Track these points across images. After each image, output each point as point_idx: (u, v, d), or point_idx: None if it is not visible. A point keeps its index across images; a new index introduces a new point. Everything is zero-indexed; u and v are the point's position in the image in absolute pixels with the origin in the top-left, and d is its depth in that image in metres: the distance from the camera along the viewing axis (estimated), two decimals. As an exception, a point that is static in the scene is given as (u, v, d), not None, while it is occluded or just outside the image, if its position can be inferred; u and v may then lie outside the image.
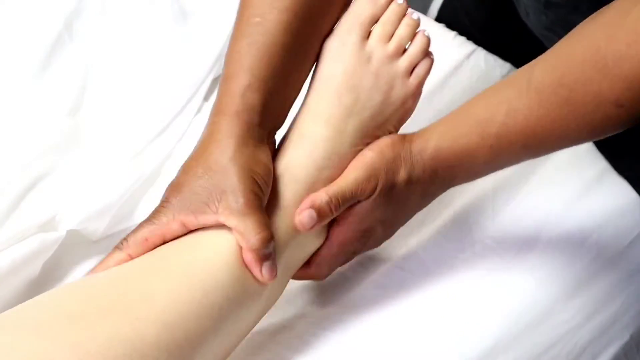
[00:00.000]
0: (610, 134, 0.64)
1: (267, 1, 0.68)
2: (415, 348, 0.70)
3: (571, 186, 0.84)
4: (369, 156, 0.68)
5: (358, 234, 0.69)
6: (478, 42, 1.01)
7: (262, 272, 0.62)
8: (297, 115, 0.71)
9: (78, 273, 0.74)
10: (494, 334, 0.72)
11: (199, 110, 0.89)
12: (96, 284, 0.59)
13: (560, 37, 0.64)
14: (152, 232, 0.63)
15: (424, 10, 1.08)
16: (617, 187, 0.86)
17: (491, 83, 0.97)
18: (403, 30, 0.72)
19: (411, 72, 0.72)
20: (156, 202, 0.80)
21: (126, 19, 0.93)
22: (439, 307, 0.73)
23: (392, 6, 0.73)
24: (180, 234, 0.64)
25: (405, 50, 0.72)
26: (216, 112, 0.66)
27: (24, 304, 0.57)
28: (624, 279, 0.79)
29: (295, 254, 0.67)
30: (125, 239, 0.64)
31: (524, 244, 0.79)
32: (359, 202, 0.67)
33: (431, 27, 0.82)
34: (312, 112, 0.69)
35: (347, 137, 0.68)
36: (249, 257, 0.62)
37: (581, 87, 0.61)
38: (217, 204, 0.62)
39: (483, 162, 0.67)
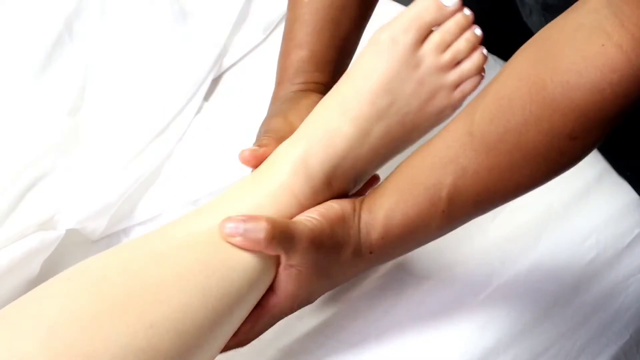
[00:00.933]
0: (564, 172, 0.61)
1: None
2: (416, 348, 0.70)
3: (571, 186, 0.84)
4: (324, 224, 0.63)
5: (294, 305, 0.64)
6: (478, 42, 1.01)
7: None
8: (325, 100, 0.68)
9: (77, 273, 0.74)
10: (494, 334, 0.72)
11: (199, 110, 0.89)
12: (108, 276, 0.56)
13: None
14: None
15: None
16: (617, 187, 0.85)
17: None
18: (462, 44, 0.68)
19: (457, 86, 0.69)
20: (156, 202, 0.81)
21: (126, 19, 0.93)
22: (439, 307, 0.73)
23: (458, 16, 0.68)
24: None
25: (458, 63, 0.68)
26: (275, 84, 0.74)
27: (31, 295, 0.56)
28: (624, 279, 0.79)
29: None
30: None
31: (524, 244, 0.79)
32: (291, 266, 0.62)
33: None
34: (341, 106, 0.66)
35: (371, 139, 0.66)
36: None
37: (532, 128, 0.57)
38: None
39: (436, 229, 0.64)
